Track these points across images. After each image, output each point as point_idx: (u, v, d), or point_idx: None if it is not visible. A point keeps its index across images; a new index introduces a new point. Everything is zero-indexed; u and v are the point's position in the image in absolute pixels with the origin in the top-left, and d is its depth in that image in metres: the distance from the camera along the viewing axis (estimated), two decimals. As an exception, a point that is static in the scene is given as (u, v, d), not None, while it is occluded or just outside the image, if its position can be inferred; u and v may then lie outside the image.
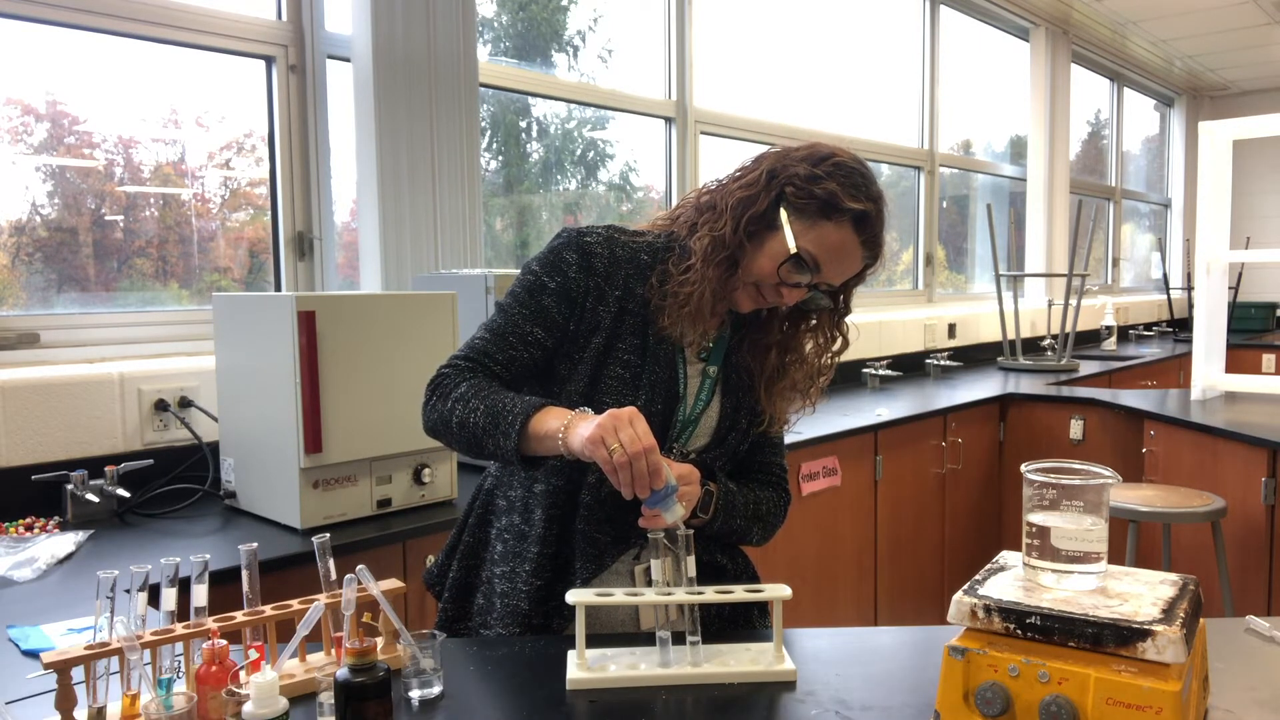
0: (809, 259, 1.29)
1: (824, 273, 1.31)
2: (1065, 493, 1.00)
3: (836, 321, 1.42)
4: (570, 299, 1.34)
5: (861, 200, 1.29)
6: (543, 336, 1.34)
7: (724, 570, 1.43)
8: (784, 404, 1.44)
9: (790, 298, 1.33)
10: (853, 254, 1.32)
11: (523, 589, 1.35)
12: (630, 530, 1.32)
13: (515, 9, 3.42)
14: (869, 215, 1.30)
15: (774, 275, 1.30)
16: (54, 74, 2.27)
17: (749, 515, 1.42)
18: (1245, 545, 3.00)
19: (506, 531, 1.40)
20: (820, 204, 1.28)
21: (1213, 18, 6.25)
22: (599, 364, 1.34)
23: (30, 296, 2.27)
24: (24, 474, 2.01)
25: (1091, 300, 6.24)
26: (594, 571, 1.34)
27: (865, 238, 1.32)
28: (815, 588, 3.08)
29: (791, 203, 1.29)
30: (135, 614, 1.06)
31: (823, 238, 1.29)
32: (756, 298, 1.35)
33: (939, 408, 3.64)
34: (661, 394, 1.35)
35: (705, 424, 1.41)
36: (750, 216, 1.30)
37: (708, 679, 1.16)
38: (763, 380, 1.42)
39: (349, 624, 1.10)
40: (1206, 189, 3.53)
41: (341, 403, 1.89)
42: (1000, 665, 0.93)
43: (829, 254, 1.30)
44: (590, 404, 1.31)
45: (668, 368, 1.36)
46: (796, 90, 4.43)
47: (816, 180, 1.28)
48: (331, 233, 2.70)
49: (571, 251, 1.34)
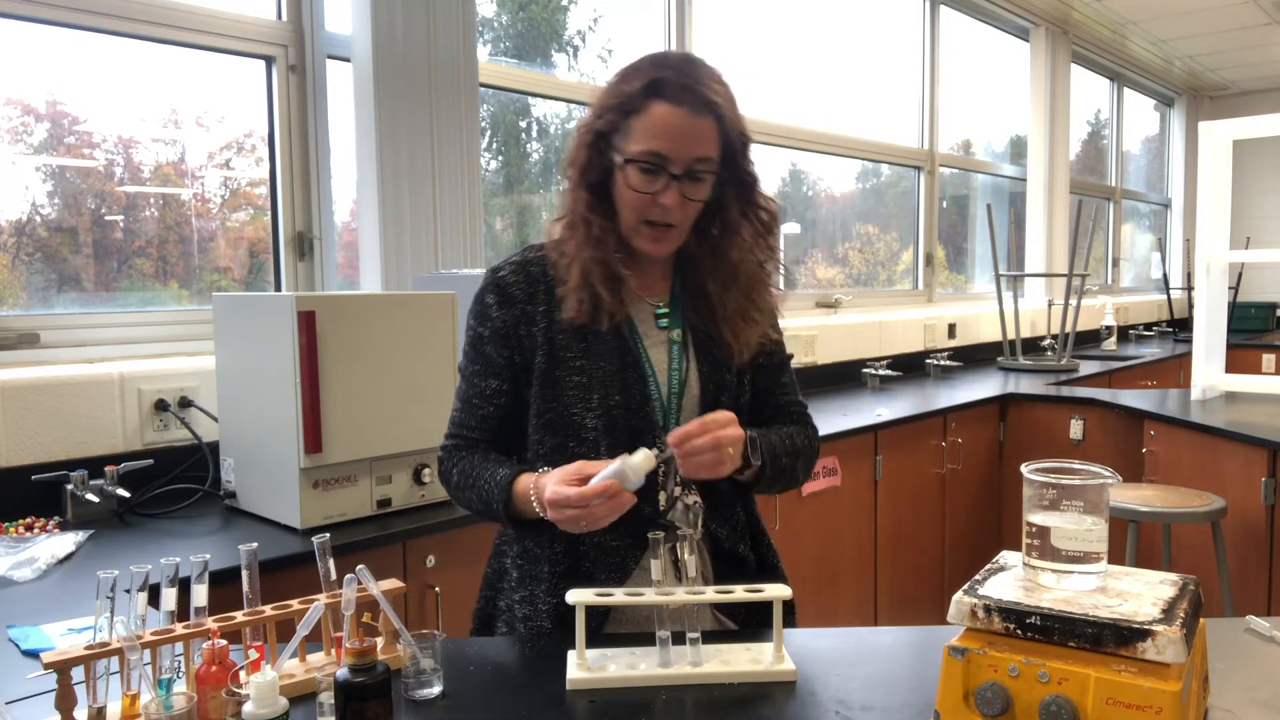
0: (645, 156, 1.26)
1: (670, 157, 1.25)
2: (1065, 493, 1.00)
3: (749, 197, 1.35)
4: (504, 338, 1.36)
5: (647, 74, 1.26)
6: (499, 385, 1.38)
7: (747, 563, 1.40)
8: (747, 328, 1.37)
9: (671, 199, 1.27)
10: (684, 123, 1.24)
11: (543, 609, 1.34)
12: (645, 530, 1.32)
13: (515, 9, 3.42)
14: (665, 80, 1.24)
15: (635, 196, 1.28)
16: (54, 74, 2.27)
17: (790, 451, 1.39)
18: (1245, 545, 3.00)
19: (520, 557, 1.40)
20: (622, 110, 1.27)
21: (1213, 18, 6.25)
22: (549, 381, 1.34)
23: (30, 296, 2.27)
24: (24, 474, 2.01)
25: (1091, 300, 6.23)
26: (620, 580, 1.32)
27: (684, 101, 1.24)
28: (815, 588, 3.08)
29: (607, 133, 1.29)
30: (135, 614, 1.06)
31: (642, 132, 1.26)
32: (651, 230, 1.31)
33: (939, 408, 3.63)
34: (619, 384, 1.33)
35: (690, 395, 1.37)
36: (588, 166, 1.31)
37: (708, 679, 1.16)
38: (719, 313, 1.36)
39: (349, 624, 1.10)
40: (1206, 189, 3.53)
41: (341, 403, 1.89)
42: (1000, 665, 0.93)
43: (657, 137, 1.24)
44: (557, 419, 1.33)
45: (617, 355, 1.34)
46: (796, 90, 4.43)
47: (611, 98, 1.28)
48: (331, 233, 2.70)
49: (489, 293, 1.38)
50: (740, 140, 1.31)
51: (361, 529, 1.91)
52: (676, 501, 1.35)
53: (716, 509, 1.38)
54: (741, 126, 1.31)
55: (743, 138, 1.31)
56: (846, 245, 5.06)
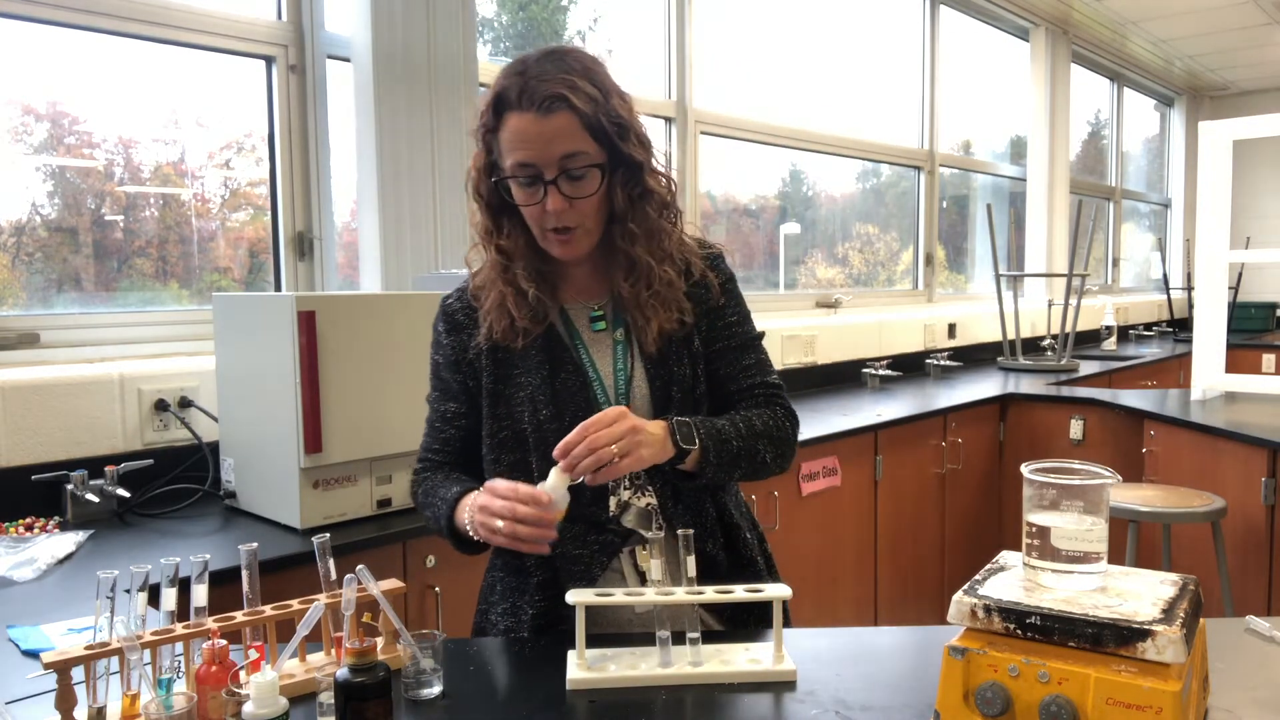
0: (515, 168, 1.24)
1: (536, 164, 1.23)
2: (1065, 493, 1.00)
3: (636, 179, 1.30)
4: (455, 364, 1.40)
5: (496, 88, 1.24)
6: (458, 408, 1.41)
7: (716, 562, 1.37)
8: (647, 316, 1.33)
9: (554, 204, 1.24)
10: (535, 127, 1.21)
11: (524, 620, 1.36)
12: (605, 537, 1.33)
13: (515, 9, 3.42)
14: (507, 90, 1.22)
15: (528, 210, 1.28)
16: (54, 74, 2.27)
17: (746, 434, 1.31)
18: (1245, 545, 3.00)
19: (501, 570, 1.42)
20: (485, 132, 1.28)
21: (1213, 18, 6.25)
22: (498, 399, 1.36)
23: (30, 296, 2.27)
24: (24, 474, 2.01)
25: (1091, 300, 6.23)
26: (587, 586, 1.32)
27: (530, 105, 1.21)
28: (815, 588, 3.08)
29: (491, 157, 1.29)
30: (135, 614, 1.06)
31: (506, 147, 1.25)
32: (556, 236, 1.29)
33: (939, 408, 3.63)
34: (563, 393, 1.33)
35: (639, 393, 1.35)
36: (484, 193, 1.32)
37: (708, 679, 1.16)
38: (628, 304, 1.33)
39: (349, 624, 1.10)
40: (1206, 189, 3.53)
41: (341, 403, 1.89)
42: (1000, 665, 0.93)
43: (516, 148, 1.23)
44: (510, 436, 1.35)
45: (558, 365, 1.34)
46: (796, 90, 4.43)
47: (478, 123, 1.29)
48: (331, 233, 2.70)
49: (439, 322, 1.44)
50: (612, 124, 1.24)
51: (361, 529, 1.91)
52: (629, 506, 1.34)
53: (682, 506, 1.36)
54: (612, 110, 1.25)
55: (615, 121, 1.25)
56: (846, 245, 5.06)
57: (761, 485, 2.69)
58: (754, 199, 4.48)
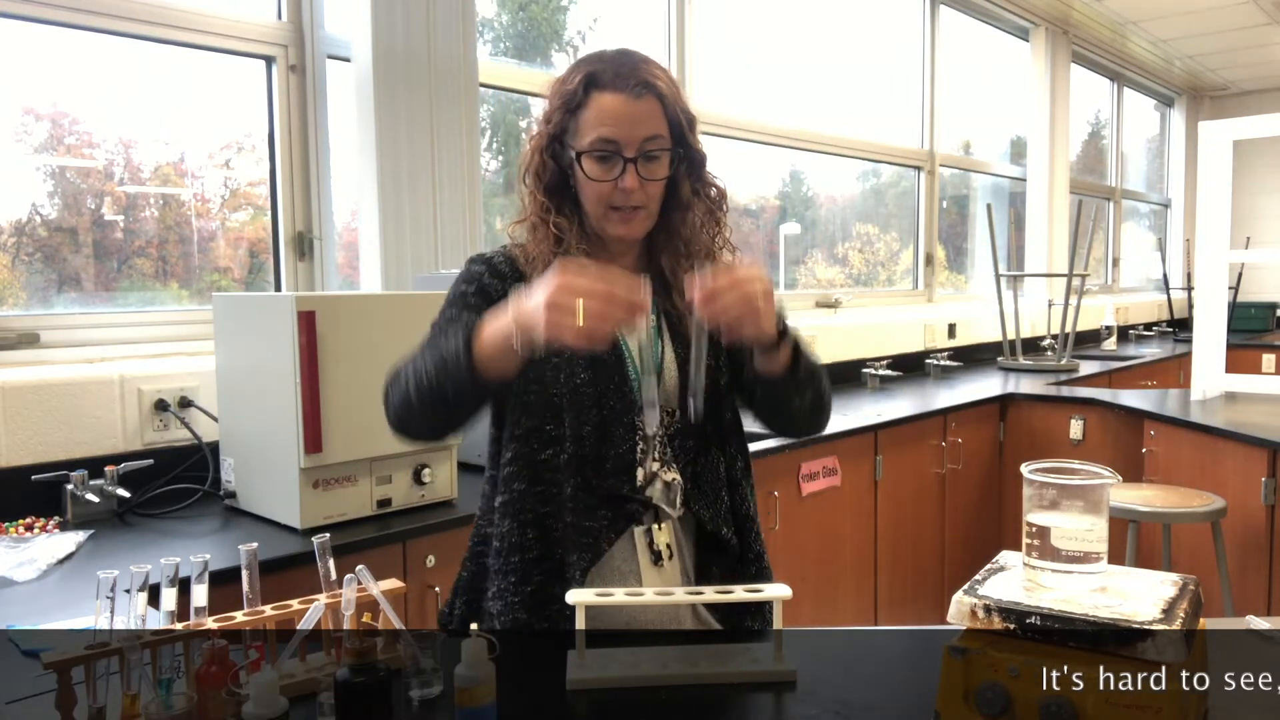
0: (597, 145, 1.29)
1: (620, 141, 1.29)
2: (1065, 493, 1.00)
3: (699, 174, 1.39)
4: (488, 295, 1.38)
5: (584, 70, 1.31)
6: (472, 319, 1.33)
7: (727, 547, 1.37)
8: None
9: (630, 182, 1.30)
10: (627, 107, 1.29)
11: (515, 600, 1.33)
12: (621, 508, 1.31)
13: (515, 9, 3.42)
14: (601, 72, 1.30)
15: (596, 186, 1.31)
16: (54, 74, 2.27)
17: (817, 364, 1.40)
18: (1245, 545, 3.00)
19: (494, 555, 1.39)
20: (567, 108, 1.31)
21: (1213, 18, 6.24)
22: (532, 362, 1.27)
23: (30, 296, 2.27)
24: (24, 474, 2.01)
25: (1091, 300, 6.23)
26: (591, 560, 1.31)
27: (623, 87, 1.29)
28: (815, 588, 3.08)
29: (558, 134, 1.33)
30: (135, 614, 1.06)
31: (590, 123, 1.30)
32: (619, 214, 1.33)
33: (939, 408, 3.64)
34: (602, 360, 1.34)
35: (668, 374, 1.37)
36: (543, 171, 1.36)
37: (708, 679, 1.16)
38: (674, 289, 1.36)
39: (349, 624, 1.10)
40: (1206, 189, 3.53)
41: (341, 403, 1.89)
42: (1000, 665, 0.93)
43: (604, 125, 1.29)
44: (537, 401, 1.34)
45: None
46: (796, 91, 4.43)
47: (555, 100, 1.33)
48: (331, 233, 2.70)
49: (477, 265, 1.45)
50: (686, 118, 1.35)
51: (361, 529, 1.91)
52: (655, 478, 1.34)
53: (700, 490, 1.37)
54: (685, 105, 1.35)
55: (688, 116, 1.35)
56: (846, 245, 5.06)
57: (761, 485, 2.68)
58: (754, 199, 4.48)
